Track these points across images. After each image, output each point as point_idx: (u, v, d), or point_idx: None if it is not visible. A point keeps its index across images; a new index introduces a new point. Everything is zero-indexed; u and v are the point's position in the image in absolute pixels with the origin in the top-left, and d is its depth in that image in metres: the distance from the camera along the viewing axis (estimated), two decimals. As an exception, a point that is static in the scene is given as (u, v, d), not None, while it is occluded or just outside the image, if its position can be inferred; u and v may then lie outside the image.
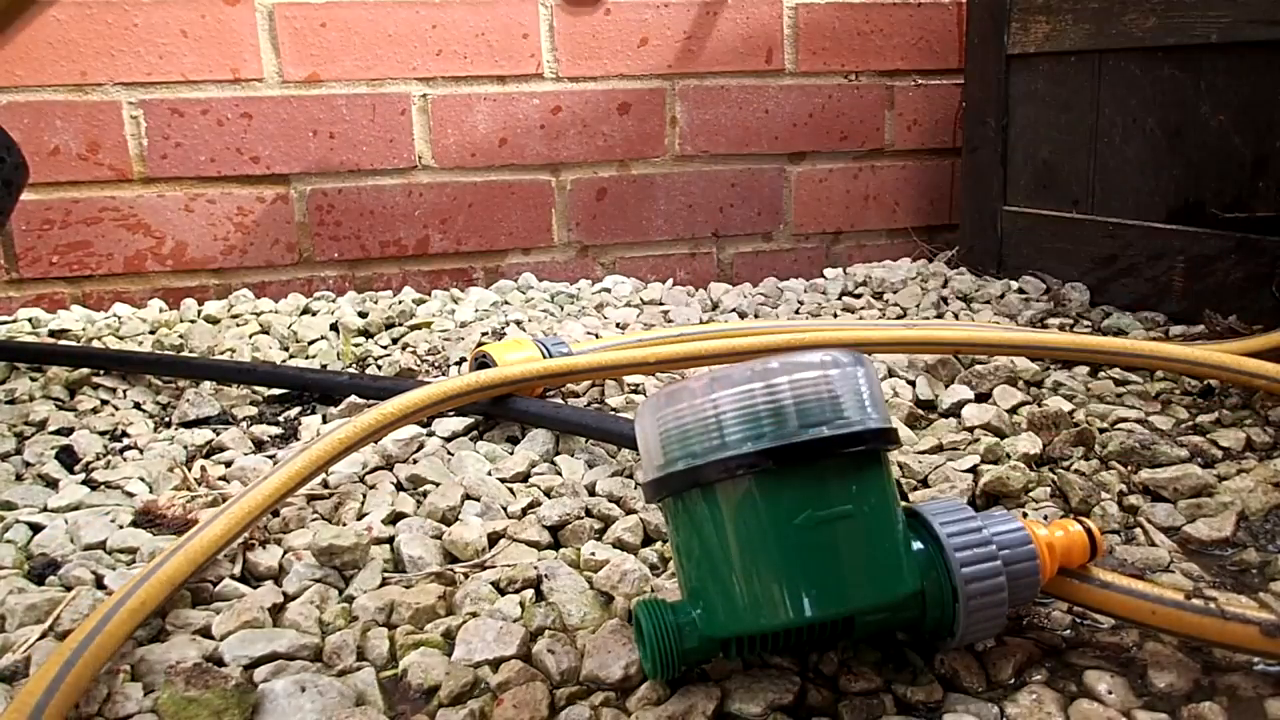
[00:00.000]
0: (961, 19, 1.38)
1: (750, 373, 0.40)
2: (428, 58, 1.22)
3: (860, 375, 0.41)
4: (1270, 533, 0.58)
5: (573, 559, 0.56)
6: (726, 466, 0.39)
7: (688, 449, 0.40)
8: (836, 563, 0.39)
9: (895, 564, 0.40)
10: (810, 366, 0.40)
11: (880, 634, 0.46)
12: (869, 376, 0.42)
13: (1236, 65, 0.95)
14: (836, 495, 0.40)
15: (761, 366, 0.40)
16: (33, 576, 0.56)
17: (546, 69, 1.27)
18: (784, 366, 0.40)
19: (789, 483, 0.39)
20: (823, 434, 0.39)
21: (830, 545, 0.39)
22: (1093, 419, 0.74)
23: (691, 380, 0.41)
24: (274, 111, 1.19)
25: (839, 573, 0.39)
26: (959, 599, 0.42)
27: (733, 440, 0.40)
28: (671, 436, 0.41)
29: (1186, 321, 1.00)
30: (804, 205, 1.40)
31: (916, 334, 0.86)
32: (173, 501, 0.64)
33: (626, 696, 0.44)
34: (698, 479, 0.40)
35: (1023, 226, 1.23)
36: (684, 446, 0.41)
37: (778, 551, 0.39)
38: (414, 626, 0.50)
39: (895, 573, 0.40)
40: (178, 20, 1.14)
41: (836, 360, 0.41)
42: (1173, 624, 0.43)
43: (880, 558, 0.40)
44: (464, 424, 0.77)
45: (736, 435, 0.39)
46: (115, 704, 0.44)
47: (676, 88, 1.32)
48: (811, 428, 0.39)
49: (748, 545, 0.39)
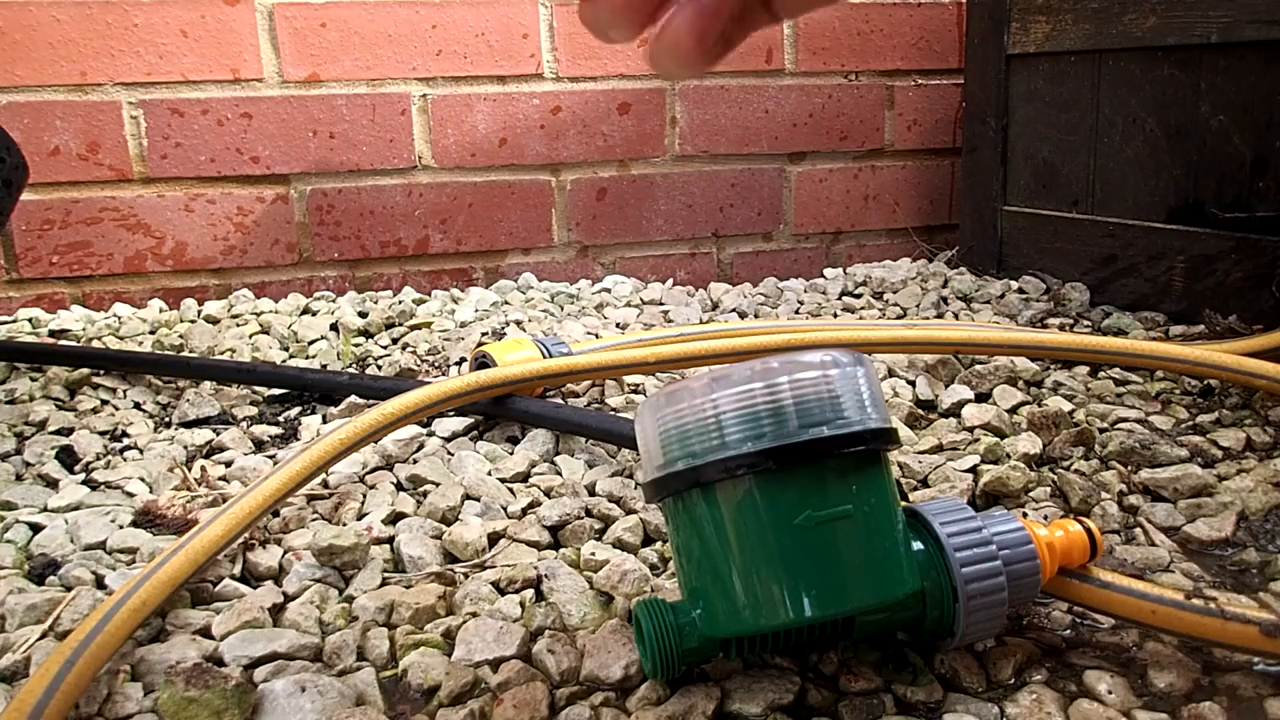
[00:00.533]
0: (961, 19, 1.38)
1: (750, 373, 0.40)
2: (428, 58, 1.22)
3: (860, 375, 0.41)
4: (1270, 533, 0.58)
5: (573, 559, 0.56)
6: (726, 466, 0.39)
7: (687, 449, 0.41)
8: (836, 563, 0.39)
9: (895, 564, 0.40)
10: (810, 366, 0.40)
11: (880, 634, 0.46)
12: (869, 376, 0.42)
13: (1236, 65, 0.95)
14: (836, 495, 0.40)
15: (761, 366, 0.40)
16: (33, 576, 0.56)
17: (546, 69, 1.27)
18: (784, 366, 0.40)
19: (789, 483, 0.39)
20: (823, 434, 0.39)
21: (830, 545, 0.39)
22: (1093, 419, 0.74)
23: (691, 380, 0.41)
24: (274, 111, 1.19)
25: (839, 573, 0.39)
26: (959, 599, 0.42)
27: (733, 440, 0.40)
28: (671, 436, 0.41)
29: (1186, 321, 1.00)
30: (804, 205, 1.40)
31: (916, 334, 0.86)
32: (173, 501, 0.64)
33: (626, 696, 0.44)
34: (698, 479, 0.40)
35: (1023, 226, 1.23)
36: (684, 446, 0.41)
37: (777, 552, 0.39)
38: (414, 626, 0.50)
39: (895, 573, 0.40)
40: (178, 20, 1.14)
41: (836, 360, 0.41)
42: (1173, 624, 0.43)
43: (880, 558, 0.40)
44: (464, 424, 0.77)
45: (736, 435, 0.39)
46: (115, 704, 0.44)
47: (676, 88, 1.32)
48: (812, 428, 0.39)
49: (747, 545, 0.40)
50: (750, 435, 0.39)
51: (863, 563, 0.40)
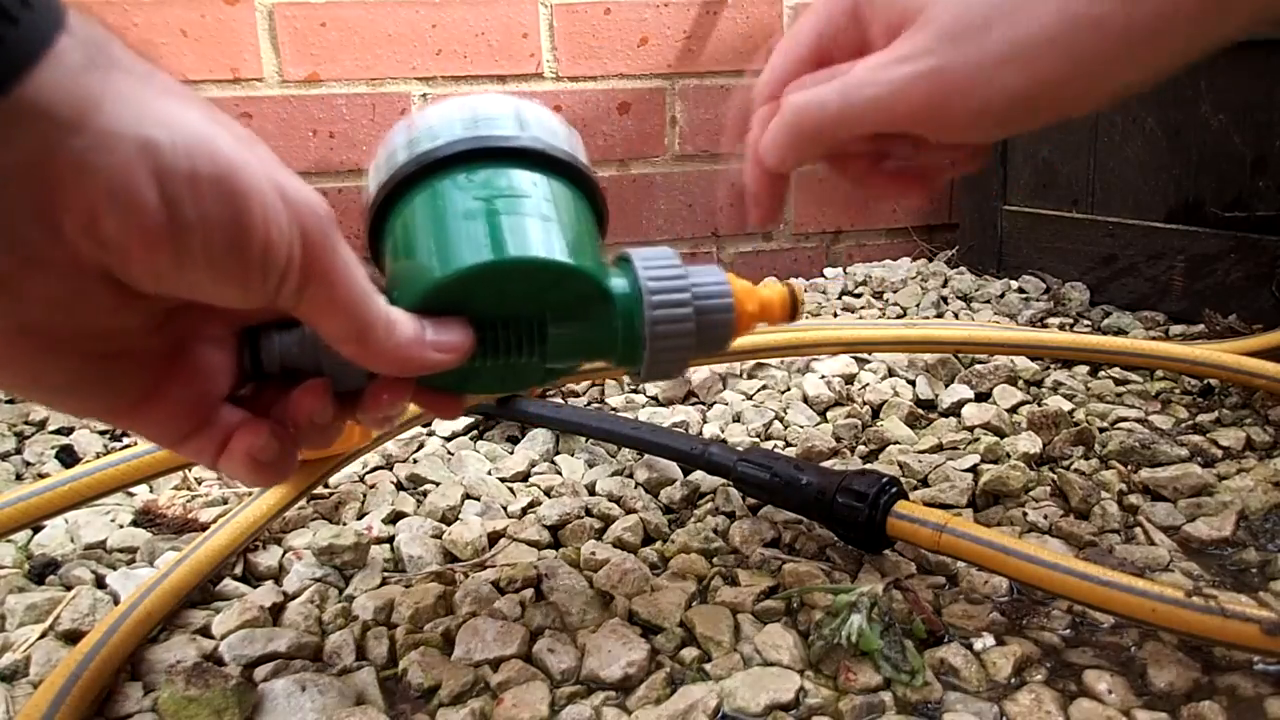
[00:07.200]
0: (961, 18, 1.38)
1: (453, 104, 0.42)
2: (427, 57, 1.22)
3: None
4: (1270, 532, 0.58)
5: (573, 558, 0.56)
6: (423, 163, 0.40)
7: (394, 167, 0.42)
8: (524, 227, 0.39)
9: (584, 250, 0.40)
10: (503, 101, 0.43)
11: (576, 353, 0.43)
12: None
13: (1236, 65, 0.95)
14: (518, 183, 0.40)
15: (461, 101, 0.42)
16: (33, 576, 0.56)
17: (546, 68, 1.27)
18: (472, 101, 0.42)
19: (475, 172, 0.40)
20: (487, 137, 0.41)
21: (515, 214, 0.39)
22: (1093, 418, 0.74)
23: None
24: (274, 111, 1.19)
25: (525, 233, 0.39)
26: (646, 331, 0.42)
27: (427, 148, 0.41)
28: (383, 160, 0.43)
29: (1186, 321, 1.00)
30: (804, 205, 1.40)
31: (916, 333, 0.86)
32: (173, 501, 0.64)
33: (627, 696, 0.44)
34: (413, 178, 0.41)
35: (1022, 226, 1.23)
36: (389, 168, 0.42)
37: (464, 218, 0.39)
38: (414, 626, 0.50)
39: (582, 254, 0.40)
40: (177, 20, 1.14)
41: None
42: (1173, 622, 0.43)
43: (563, 236, 0.40)
44: (464, 424, 0.77)
45: (425, 146, 0.41)
46: (115, 703, 0.44)
47: (676, 87, 1.32)
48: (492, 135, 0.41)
49: (439, 219, 0.40)
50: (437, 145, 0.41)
51: (543, 232, 0.39)
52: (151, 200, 0.26)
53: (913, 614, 0.48)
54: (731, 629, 0.49)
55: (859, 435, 0.73)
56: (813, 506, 0.56)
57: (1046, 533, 0.59)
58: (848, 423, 0.74)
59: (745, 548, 0.57)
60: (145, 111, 0.26)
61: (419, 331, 0.36)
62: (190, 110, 0.28)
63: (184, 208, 0.27)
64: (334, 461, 0.62)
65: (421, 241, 0.39)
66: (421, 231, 0.40)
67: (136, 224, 0.26)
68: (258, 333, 0.37)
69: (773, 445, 0.72)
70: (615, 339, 0.42)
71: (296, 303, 0.31)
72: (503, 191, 0.40)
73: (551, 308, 0.40)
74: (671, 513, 0.63)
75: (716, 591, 0.52)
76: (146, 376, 0.33)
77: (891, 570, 0.54)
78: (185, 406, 0.34)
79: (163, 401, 0.34)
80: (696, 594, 0.53)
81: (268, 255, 0.29)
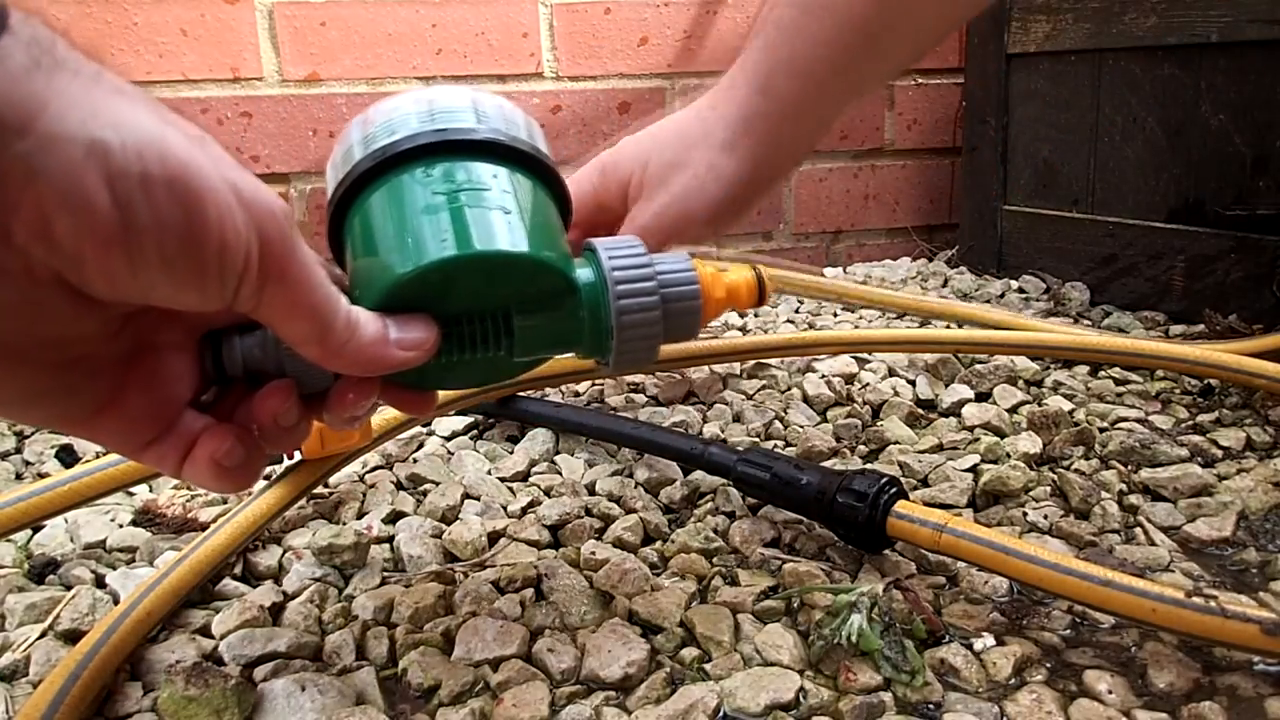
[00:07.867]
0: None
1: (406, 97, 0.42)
2: (427, 57, 1.22)
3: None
4: (1270, 532, 0.58)
5: (572, 558, 0.56)
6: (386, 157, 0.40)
7: (351, 163, 0.41)
8: (486, 219, 0.38)
9: (547, 241, 0.40)
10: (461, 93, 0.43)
11: (541, 342, 0.42)
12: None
13: (1236, 65, 0.95)
14: (478, 176, 0.40)
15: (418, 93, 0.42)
16: (33, 576, 0.56)
17: (546, 68, 1.27)
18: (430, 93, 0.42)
19: (434, 166, 0.40)
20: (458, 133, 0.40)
21: (477, 207, 0.39)
22: (1093, 418, 0.74)
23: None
24: (274, 110, 1.19)
25: (488, 226, 0.38)
26: (614, 321, 0.41)
27: (385, 143, 0.40)
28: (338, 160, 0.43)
29: (1186, 321, 1.00)
30: (804, 204, 1.40)
31: (916, 333, 0.86)
32: (172, 500, 0.64)
33: (627, 695, 0.44)
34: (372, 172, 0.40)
35: (1022, 226, 1.23)
36: (346, 165, 0.41)
37: (425, 213, 0.38)
38: (414, 626, 0.50)
39: (546, 245, 0.40)
40: (177, 19, 1.14)
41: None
42: (1173, 622, 0.43)
43: (525, 227, 0.39)
44: (464, 423, 0.77)
45: (382, 141, 0.40)
46: (115, 703, 0.44)
47: (676, 87, 1.32)
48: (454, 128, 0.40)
49: (399, 215, 0.39)
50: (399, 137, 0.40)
51: (506, 227, 0.39)
52: (103, 202, 0.26)
53: (913, 614, 0.48)
54: (731, 629, 0.49)
55: (859, 435, 0.73)
56: (813, 506, 0.56)
57: (1046, 533, 0.59)
58: (848, 423, 0.74)
59: (745, 548, 0.57)
60: (94, 112, 0.26)
61: (382, 330, 0.35)
62: (140, 110, 0.27)
63: (137, 209, 0.26)
64: (334, 461, 0.62)
65: (382, 238, 0.39)
66: (381, 228, 0.39)
67: (89, 227, 0.26)
68: (219, 336, 0.36)
69: (773, 445, 0.72)
70: (583, 329, 0.42)
71: (255, 304, 0.31)
72: (463, 185, 0.39)
73: (517, 301, 0.40)
74: (671, 512, 0.63)
75: (716, 591, 0.52)
76: (105, 384, 0.32)
77: (891, 570, 0.54)
78: (146, 413, 0.34)
79: (123, 409, 0.33)
80: (696, 594, 0.53)
81: (224, 256, 0.29)
